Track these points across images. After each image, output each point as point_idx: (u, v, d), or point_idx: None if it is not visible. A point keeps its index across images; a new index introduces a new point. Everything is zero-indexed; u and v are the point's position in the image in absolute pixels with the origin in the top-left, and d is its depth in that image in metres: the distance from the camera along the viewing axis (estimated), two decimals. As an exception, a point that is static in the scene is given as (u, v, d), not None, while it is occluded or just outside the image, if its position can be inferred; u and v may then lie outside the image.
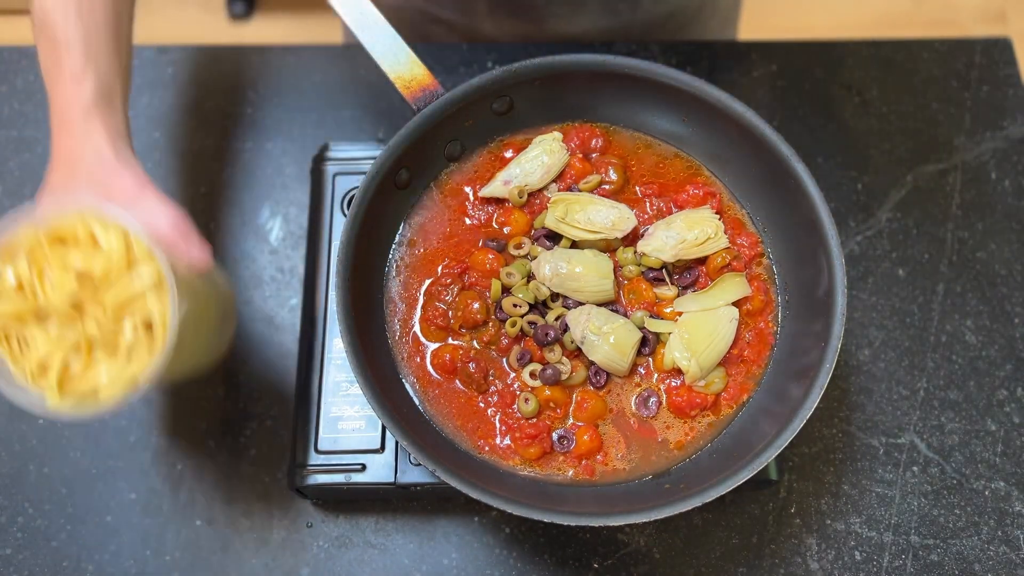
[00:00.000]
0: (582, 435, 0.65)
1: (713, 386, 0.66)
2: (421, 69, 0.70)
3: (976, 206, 0.85)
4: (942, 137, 0.88)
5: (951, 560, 0.73)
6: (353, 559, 0.73)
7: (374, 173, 0.67)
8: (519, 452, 0.65)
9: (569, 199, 0.69)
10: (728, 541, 0.74)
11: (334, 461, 0.68)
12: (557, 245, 0.70)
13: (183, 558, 0.73)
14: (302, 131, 0.88)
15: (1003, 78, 0.91)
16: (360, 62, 0.90)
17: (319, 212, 0.76)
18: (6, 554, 0.73)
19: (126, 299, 0.55)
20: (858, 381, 0.78)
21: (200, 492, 0.75)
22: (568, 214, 0.68)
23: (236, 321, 0.78)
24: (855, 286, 0.82)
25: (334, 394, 0.70)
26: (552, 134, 0.74)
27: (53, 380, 0.54)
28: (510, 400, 0.66)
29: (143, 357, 0.55)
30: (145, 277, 0.55)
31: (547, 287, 0.67)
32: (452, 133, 0.73)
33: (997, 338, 0.80)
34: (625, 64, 0.69)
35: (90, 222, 0.56)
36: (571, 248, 0.69)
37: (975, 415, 0.77)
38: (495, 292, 0.68)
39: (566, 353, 0.67)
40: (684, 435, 0.66)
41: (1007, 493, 0.75)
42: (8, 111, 0.88)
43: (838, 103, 0.90)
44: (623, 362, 0.66)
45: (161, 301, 0.55)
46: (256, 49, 0.92)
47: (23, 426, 0.77)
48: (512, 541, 0.73)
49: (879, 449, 0.76)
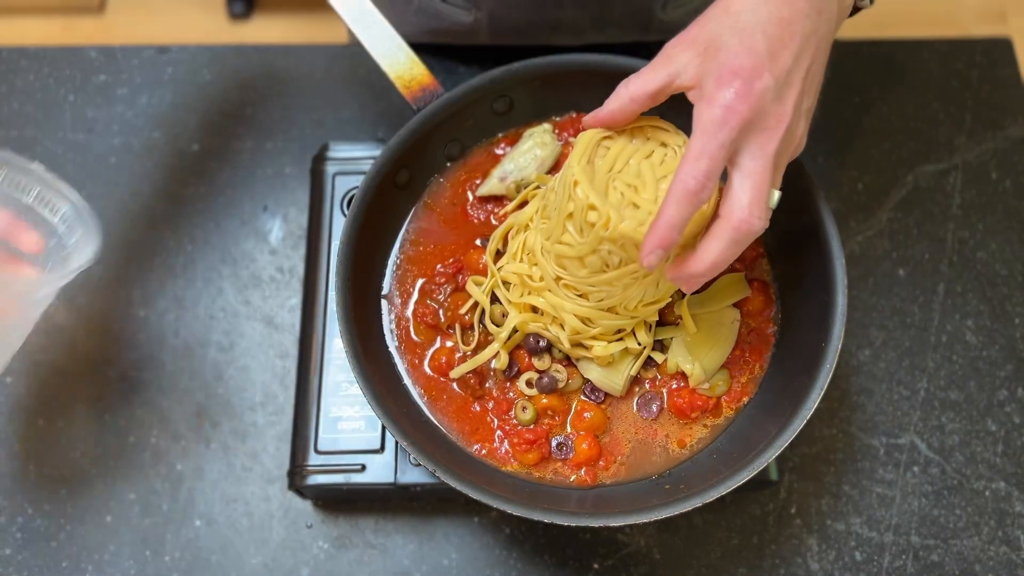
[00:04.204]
0: (581, 443, 0.65)
1: (717, 389, 0.66)
2: (421, 69, 0.70)
3: (976, 206, 0.85)
4: (942, 137, 0.88)
5: (951, 560, 0.73)
6: (353, 559, 0.73)
7: (374, 173, 0.67)
8: (517, 458, 0.65)
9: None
10: (728, 541, 0.73)
11: (334, 461, 0.68)
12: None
13: (183, 558, 0.73)
14: (302, 131, 0.88)
15: (1003, 78, 0.91)
16: (360, 62, 0.90)
17: (319, 212, 0.75)
18: (6, 554, 0.73)
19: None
20: (858, 381, 0.78)
21: (200, 492, 0.75)
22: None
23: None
24: (855, 286, 0.82)
25: (334, 394, 0.70)
26: (543, 126, 0.73)
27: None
28: (507, 408, 0.66)
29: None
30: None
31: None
32: (452, 133, 0.73)
33: (998, 338, 0.80)
34: (628, 64, 0.69)
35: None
36: None
37: (975, 415, 0.77)
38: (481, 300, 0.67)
39: (557, 361, 0.66)
40: (685, 436, 0.66)
41: (1007, 493, 0.75)
42: (8, 111, 0.88)
43: (838, 103, 0.90)
44: (618, 383, 0.65)
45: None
46: (256, 49, 0.92)
47: (23, 426, 0.76)
48: (512, 541, 0.73)
49: (879, 449, 0.76)
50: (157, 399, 0.77)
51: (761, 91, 0.50)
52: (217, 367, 0.79)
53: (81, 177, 0.85)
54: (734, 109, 0.49)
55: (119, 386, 0.78)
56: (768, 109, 0.50)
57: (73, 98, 0.89)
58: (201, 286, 0.82)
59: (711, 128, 0.50)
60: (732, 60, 0.50)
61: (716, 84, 0.50)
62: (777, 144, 0.51)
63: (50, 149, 0.86)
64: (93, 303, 0.81)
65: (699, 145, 0.50)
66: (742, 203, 0.51)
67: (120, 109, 0.89)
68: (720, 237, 0.51)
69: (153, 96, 0.89)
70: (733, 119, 0.49)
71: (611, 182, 0.56)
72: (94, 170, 0.85)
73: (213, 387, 0.78)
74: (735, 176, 0.51)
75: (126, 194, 0.85)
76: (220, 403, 0.77)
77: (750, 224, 0.51)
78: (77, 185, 0.84)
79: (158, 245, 0.83)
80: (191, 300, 0.81)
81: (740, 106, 0.49)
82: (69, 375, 0.78)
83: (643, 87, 0.55)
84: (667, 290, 0.63)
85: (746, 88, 0.50)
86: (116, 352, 0.79)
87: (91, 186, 0.85)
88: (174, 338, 0.80)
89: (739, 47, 0.51)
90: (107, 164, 0.86)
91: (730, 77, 0.50)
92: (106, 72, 0.91)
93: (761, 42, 0.51)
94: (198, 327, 0.80)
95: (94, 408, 0.77)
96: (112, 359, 0.79)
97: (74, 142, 0.87)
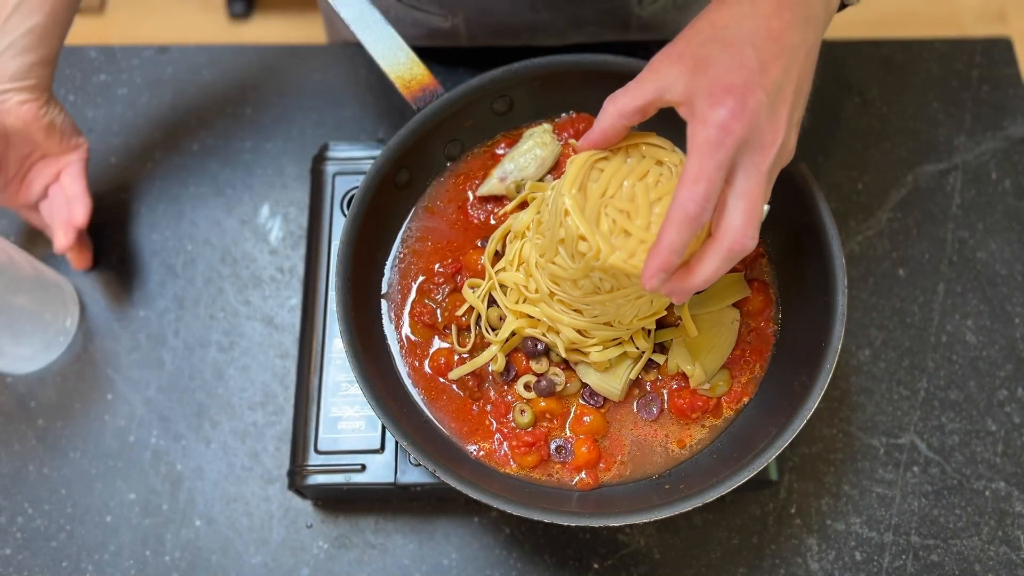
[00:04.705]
0: (580, 447, 0.65)
1: (718, 389, 0.66)
2: (421, 69, 0.70)
3: (976, 206, 0.85)
4: (942, 137, 0.88)
5: (951, 560, 0.73)
6: (353, 559, 0.73)
7: (374, 173, 0.67)
8: (516, 460, 0.65)
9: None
10: (728, 541, 0.73)
11: (334, 461, 0.68)
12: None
13: (183, 558, 0.73)
14: (302, 131, 0.88)
15: (1003, 78, 0.91)
16: (360, 62, 0.90)
17: (319, 212, 0.75)
18: (6, 554, 0.73)
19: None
20: (858, 381, 0.78)
21: (200, 492, 0.75)
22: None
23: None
24: (855, 286, 0.82)
25: (334, 394, 0.70)
26: (542, 126, 0.73)
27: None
28: (505, 410, 0.66)
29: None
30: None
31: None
32: (452, 133, 0.73)
33: (997, 338, 0.80)
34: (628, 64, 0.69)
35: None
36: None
37: (975, 415, 0.77)
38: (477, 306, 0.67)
39: (555, 364, 0.66)
40: (684, 436, 0.66)
41: (1007, 493, 0.75)
42: (8, 111, 0.88)
43: (838, 103, 0.90)
44: (616, 387, 0.65)
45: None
46: (256, 49, 0.92)
47: (23, 426, 0.77)
48: (512, 541, 0.73)
49: (879, 449, 0.76)
50: (157, 399, 0.77)
51: (755, 108, 0.49)
52: (217, 367, 0.79)
53: (81, 177, 0.85)
54: (729, 129, 0.48)
55: (119, 386, 0.78)
56: (762, 126, 0.49)
57: (73, 98, 0.89)
58: (201, 286, 0.82)
59: (707, 149, 0.48)
60: (723, 76, 0.49)
61: (709, 102, 0.49)
62: (771, 160, 0.50)
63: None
64: (93, 303, 0.81)
65: (696, 167, 0.48)
66: (736, 224, 0.50)
67: (120, 109, 0.89)
68: (714, 257, 0.51)
69: (153, 96, 0.89)
70: (728, 139, 0.48)
71: (603, 208, 0.55)
72: (94, 170, 0.85)
73: (213, 387, 0.78)
74: (729, 195, 0.50)
75: (126, 194, 0.85)
76: (220, 403, 0.77)
77: (743, 244, 0.50)
78: (77, 185, 0.84)
79: (158, 245, 0.83)
80: (191, 300, 0.81)
81: (735, 125, 0.48)
82: (69, 375, 0.78)
83: (631, 102, 0.54)
84: (661, 305, 0.63)
85: (740, 106, 0.48)
86: (116, 352, 0.79)
87: (91, 186, 0.85)
88: (174, 338, 0.80)
89: (730, 62, 0.50)
90: (107, 164, 0.86)
91: (722, 95, 0.49)
92: (106, 72, 0.91)
93: (752, 56, 0.50)
94: (198, 327, 0.80)
95: (94, 408, 0.77)
96: (112, 359, 0.79)
97: (74, 142, 0.87)
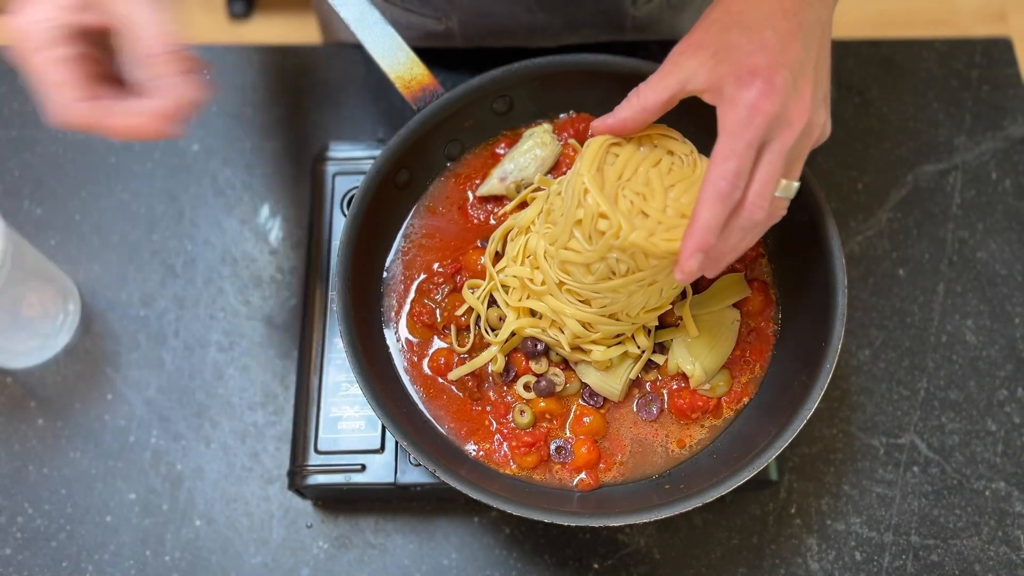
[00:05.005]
0: (580, 447, 0.65)
1: (718, 389, 0.66)
2: (421, 69, 0.70)
3: (976, 206, 0.85)
4: (942, 137, 0.88)
5: (951, 560, 0.73)
6: (353, 559, 0.73)
7: (374, 173, 0.67)
8: (516, 460, 0.65)
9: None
10: (728, 541, 0.73)
11: (334, 461, 0.68)
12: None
13: (183, 558, 0.73)
14: (302, 131, 0.88)
15: (1003, 78, 0.91)
16: (360, 62, 0.90)
17: (319, 212, 0.75)
18: (6, 554, 0.73)
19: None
20: (858, 381, 0.78)
21: (200, 492, 0.75)
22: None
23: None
24: (855, 286, 0.82)
25: (334, 394, 0.70)
26: (542, 126, 0.73)
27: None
28: (505, 410, 0.66)
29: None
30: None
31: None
32: (452, 133, 0.73)
33: (997, 338, 0.80)
34: (628, 64, 0.69)
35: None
36: None
37: (975, 415, 0.77)
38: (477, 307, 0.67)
39: (554, 364, 0.66)
40: (684, 436, 0.66)
41: (1007, 493, 0.75)
42: (8, 111, 0.88)
43: (838, 103, 0.90)
44: (616, 387, 0.65)
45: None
46: (256, 49, 0.92)
47: (23, 426, 0.77)
48: (512, 541, 0.73)
49: (879, 449, 0.76)
50: (157, 399, 0.77)
51: (782, 86, 0.50)
52: (217, 367, 0.79)
53: (81, 177, 0.85)
54: (759, 107, 0.49)
55: (119, 386, 0.78)
56: (789, 104, 0.50)
57: (73, 98, 0.89)
58: (201, 286, 0.82)
59: (737, 129, 0.50)
60: (747, 59, 0.50)
61: (736, 85, 0.50)
62: (796, 137, 0.51)
63: (50, 149, 0.86)
64: (93, 303, 0.81)
65: (727, 147, 0.50)
66: (748, 195, 0.51)
67: (120, 109, 0.89)
68: (735, 229, 0.52)
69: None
70: (759, 118, 0.49)
71: (620, 190, 0.56)
72: (94, 170, 0.85)
73: (213, 387, 0.78)
74: (754, 172, 0.51)
75: (126, 194, 0.85)
76: (220, 403, 0.77)
77: (752, 214, 0.51)
78: (77, 185, 0.85)
79: (158, 245, 0.83)
80: (191, 300, 0.81)
81: (765, 103, 0.49)
82: (69, 375, 0.78)
83: (656, 96, 0.55)
84: (669, 296, 0.63)
85: (768, 86, 0.49)
86: (116, 352, 0.79)
87: (91, 186, 0.85)
88: (174, 338, 0.80)
89: (751, 45, 0.51)
90: (107, 164, 0.86)
91: (749, 77, 0.50)
92: (106, 72, 0.90)
93: (771, 38, 0.51)
94: (198, 327, 0.80)
95: (94, 408, 0.77)
96: (112, 359, 0.79)
97: (74, 142, 0.87)
